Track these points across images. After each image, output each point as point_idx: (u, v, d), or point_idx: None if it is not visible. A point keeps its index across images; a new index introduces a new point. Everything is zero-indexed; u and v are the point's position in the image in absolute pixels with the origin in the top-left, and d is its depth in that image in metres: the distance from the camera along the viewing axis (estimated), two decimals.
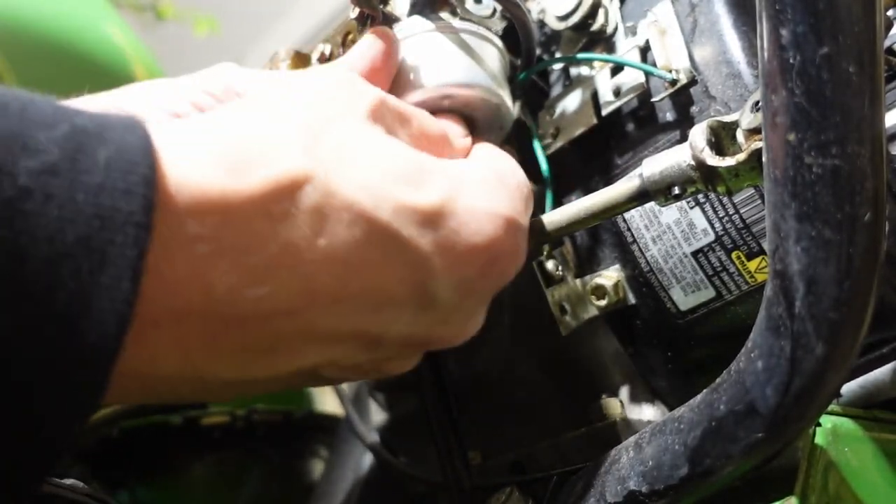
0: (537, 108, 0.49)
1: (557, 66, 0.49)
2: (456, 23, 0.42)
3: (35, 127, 0.22)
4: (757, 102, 0.32)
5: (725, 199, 0.40)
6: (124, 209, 0.23)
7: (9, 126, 0.22)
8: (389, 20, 0.42)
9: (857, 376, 0.40)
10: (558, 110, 0.48)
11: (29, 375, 0.22)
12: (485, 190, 0.33)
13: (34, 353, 0.22)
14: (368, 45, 0.38)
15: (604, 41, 0.46)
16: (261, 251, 0.26)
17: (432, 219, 0.30)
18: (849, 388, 0.40)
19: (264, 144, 0.28)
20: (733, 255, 0.40)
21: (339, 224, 0.28)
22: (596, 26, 0.45)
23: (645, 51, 0.44)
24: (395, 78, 0.41)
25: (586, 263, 0.47)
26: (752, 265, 0.40)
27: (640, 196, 0.36)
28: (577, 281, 0.46)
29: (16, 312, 0.21)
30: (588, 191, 0.38)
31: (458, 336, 0.35)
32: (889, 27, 0.36)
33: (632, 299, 0.45)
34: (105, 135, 0.23)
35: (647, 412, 0.47)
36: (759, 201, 0.39)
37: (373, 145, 0.30)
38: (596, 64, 0.46)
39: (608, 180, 0.45)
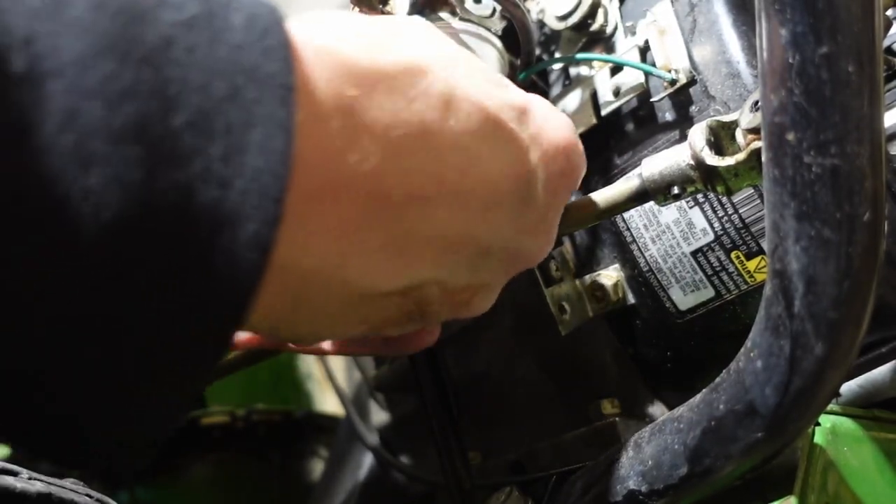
0: None
1: (557, 66, 0.49)
2: (455, 23, 0.42)
3: None
4: (756, 102, 0.32)
5: (725, 199, 0.40)
6: (267, 69, 0.22)
7: None
8: None
9: (857, 376, 0.40)
10: (558, 110, 0.48)
11: (190, 242, 0.20)
12: (548, 104, 0.35)
13: (193, 215, 0.20)
14: None
15: (603, 41, 0.46)
16: (404, 126, 0.26)
17: (523, 115, 0.32)
18: (848, 387, 0.40)
19: (388, 36, 0.28)
20: (732, 255, 0.40)
21: (461, 111, 0.28)
22: (595, 26, 0.45)
23: (644, 51, 0.44)
24: None
25: (586, 263, 0.47)
26: (752, 265, 0.40)
27: (640, 196, 0.36)
28: (577, 281, 0.46)
29: (173, 167, 0.20)
30: (588, 191, 0.38)
31: (541, 250, 0.35)
32: (888, 27, 0.37)
33: (631, 299, 0.45)
34: (234, 2, 0.22)
35: (647, 412, 0.47)
36: (758, 201, 0.39)
37: (466, 55, 0.32)
38: (595, 64, 0.46)
39: (608, 180, 0.45)
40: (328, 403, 0.81)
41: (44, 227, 0.19)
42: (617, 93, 0.44)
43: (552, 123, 0.33)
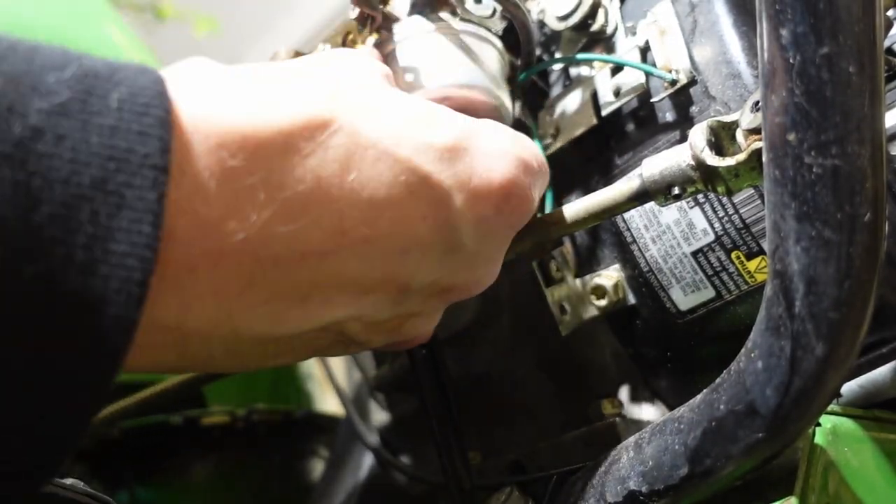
0: (537, 109, 0.49)
1: (557, 67, 0.49)
2: (456, 24, 0.42)
3: (44, 69, 0.21)
4: (757, 102, 0.32)
5: (725, 200, 0.40)
6: (140, 151, 0.22)
7: (17, 67, 0.21)
8: (389, 20, 0.42)
9: (857, 376, 0.40)
10: (558, 110, 0.48)
11: (51, 326, 0.21)
12: (497, 134, 0.34)
13: (55, 302, 0.21)
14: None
15: (604, 41, 0.46)
16: (293, 186, 0.26)
17: (449, 155, 0.31)
18: (849, 387, 0.40)
19: (289, 90, 0.28)
20: (733, 255, 0.40)
21: (365, 162, 0.28)
22: (596, 26, 0.45)
23: (645, 51, 0.44)
24: (394, 79, 0.42)
25: (586, 263, 0.47)
26: (752, 265, 0.40)
27: (640, 196, 0.36)
28: (577, 281, 0.46)
29: (32, 260, 0.20)
30: (588, 191, 0.38)
31: (478, 283, 0.35)
32: (889, 27, 0.37)
33: (631, 299, 0.45)
34: (116, 77, 0.23)
35: (647, 412, 0.47)
36: (758, 201, 0.39)
37: (390, 96, 0.31)
38: (596, 64, 0.46)
39: (608, 180, 0.45)
40: (328, 403, 0.81)
41: None
42: (617, 93, 0.44)
43: (488, 161, 0.32)
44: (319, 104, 0.28)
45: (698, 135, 0.33)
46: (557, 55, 0.49)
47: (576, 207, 0.38)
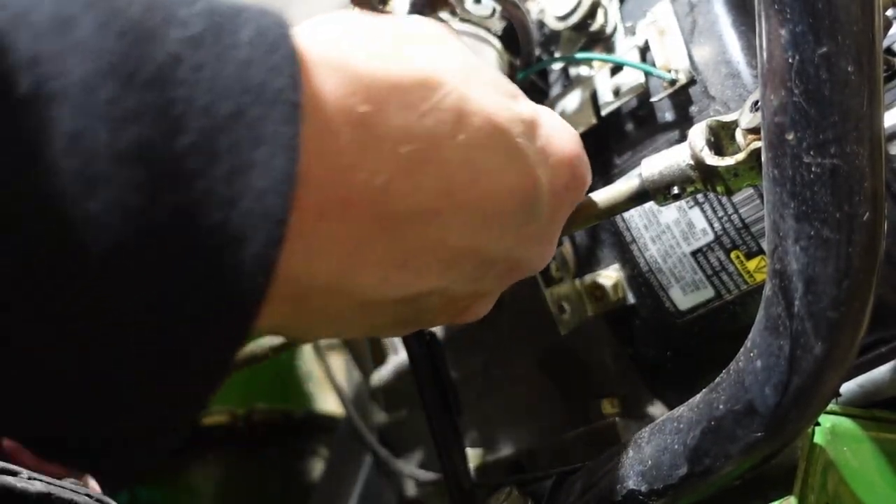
0: None
1: (557, 66, 0.49)
2: (455, 24, 0.42)
3: (174, 3, 0.21)
4: (756, 102, 0.32)
5: (724, 199, 0.40)
6: (274, 85, 0.22)
7: None
8: None
9: (856, 375, 0.40)
10: (558, 110, 0.48)
11: (192, 264, 0.20)
12: (555, 115, 0.35)
13: (196, 237, 0.20)
14: None
15: (603, 41, 0.46)
16: (413, 141, 0.26)
17: (531, 129, 0.32)
18: (847, 387, 0.40)
19: (400, 45, 0.28)
20: (732, 255, 0.40)
21: (471, 125, 0.28)
22: (595, 26, 0.45)
23: (644, 51, 0.44)
24: None
25: (585, 263, 0.47)
26: (751, 265, 0.40)
27: (640, 196, 0.36)
28: (577, 281, 0.46)
29: (176, 189, 0.20)
30: (588, 191, 0.38)
31: (541, 259, 0.35)
32: (888, 27, 0.37)
33: (631, 299, 0.45)
34: (242, 15, 0.22)
35: (647, 412, 0.47)
36: (757, 201, 0.39)
37: (480, 66, 0.32)
38: (595, 64, 0.46)
39: (607, 180, 0.45)
40: (328, 403, 0.81)
41: (47, 250, 0.19)
42: (617, 93, 0.44)
43: (559, 136, 0.33)
44: (431, 63, 0.28)
45: (698, 134, 0.33)
46: (557, 55, 0.49)
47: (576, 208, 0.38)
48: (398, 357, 0.58)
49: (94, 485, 0.44)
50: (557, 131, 0.33)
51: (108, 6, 0.20)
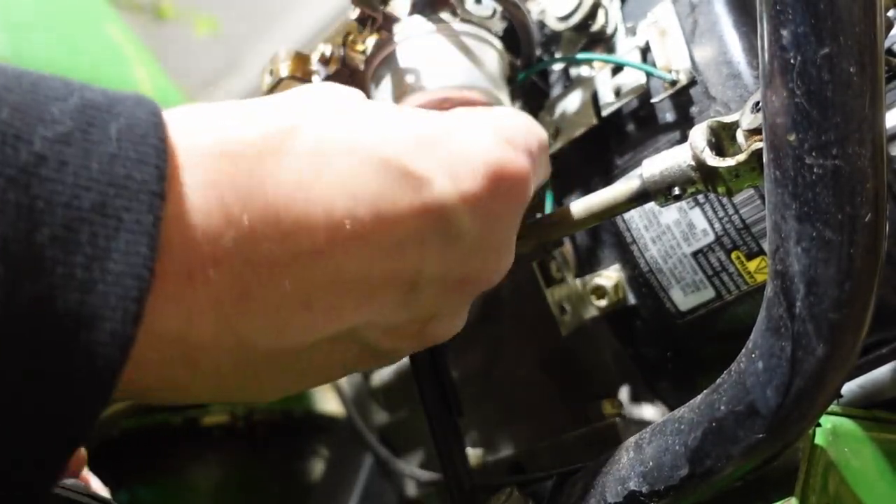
0: (537, 109, 0.49)
1: (557, 67, 0.49)
2: (456, 24, 0.42)
3: (48, 99, 0.23)
4: (757, 103, 0.32)
5: (725, 200, 0.40)
6: (138, 178, 0.23)
7: (23, 98, 0.22)
8: (390, 21, 0.42)
9: (857, 376, 0.40)
10: (558, 111, 0.48)
11: (49, 343, 0.21)
12: (485, 117, 0.34)
13: (53, 320, 0.21)
14: None
15: (604, 42, 0.46)
16: (274, 189, 0.27)
17: (428, 142, 0.31)
18: (849, 388, 0.40)
19: (261, 110, 0.30)
20: (733, 256, 0.40)
21: (339, 158, 0.29)
22: (596, 27, 0.45)
23: (645, 51, 0.44)
24: (394, 80, 0.42)
25: (586, 264, 0.47)
26: (752, 265, 0.40)
27: (640, 196, 0.36)
28: (577, 281, 0.46)
29: (34, 279, 0.21)
30: (588, 191, 0.38)
31: (493, 272, 0.34)
32: (889, 28, 0.36)
33: (632, 299, 0.45)
34: (115, 108, 0.24)
35: (647, 412, 0.47)
36: (758, 202, 0.39)
37: (362, 105, 0.32)
38: (596, 64, 0.46)
39: (608, 181, 0.45)
40: (328, 403, 0.81)
41: None
42: (618, 93, 0.44)
43: (471, 142, 0.32)
44: (287, 115, 0.29)
45: (698, 135, 0.33)
46: (557, 55, 0.49)
47: (576, 208, 0.38)
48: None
49: (95, 485, 0.44)
50: (470, 137, 0.32)
51: None
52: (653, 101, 0.42)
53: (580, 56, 0.46)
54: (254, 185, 0.27)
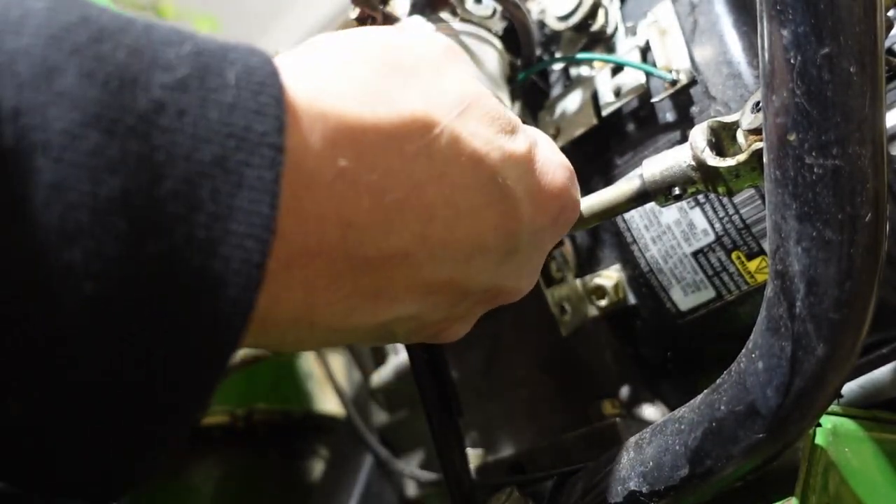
0: (537, 109, 0.49)
1: (557, 67, 0.49)
2: (456, 24, 0.42)
3: (162, 44, 0.22)
4: (757, 103, 0.32)
5: (725, 200, 0.40)
6: (258, 129, 0.22)
7: (137, 41, 0.21)
8: (390, 21, 0.42)
9: (857, 376, 0.40)
10: (558, 110, 0.48)
11: (171, 307, 0.21)
12: (551, 144, 0.34)
13: (176, 282, 0.20)
14: None
15: (604, 41, 0.46)
16: (395, 189, 0.26)
17: (524, 166, 0.31)
18: (849, 388, 0.40)
19: (391, 81, 0.28)
20: (733, 256, 0.40)
21: (459, 167, 0.28)
22: (596, 26, 0.45)
23: (645, 51, 0.43)
24: None
25: (586, 264, 0.47)
26: (752, 265, 0.40)
27: (641, 196, 0.36)
28: (577, 281, 0.46)
29: (156, 237, 0.20)
30: (588, 191, 0.38)
31: (523, 289, 0.35)
32: (890, 28, 0.36)
33: (632, 299, 0.45)
34: (229, 55, 0.23)
35: (648, 412, 0.47)
36: (759, 202, 0.39)
37: (478, 97, 0.31)
38: (596, 64, 0.46)
39: (608, 180, 0.45)
40: (328, 403, 0.81)
41: (28, 301, 0.19)
42: (618, 93, 0.44)
43: (552, 172, 0.33)
44: (423, 100, 0.28)
45: (699, 135, 0.33)
46: (557, 55, 0.49)
47: None
48: (398, 357, 0.58)
49: None
50: (550, 166, 0.33)
51: (93, 53, 0.20)
52: (653, 100, 0.42)
53: (580, 56, 0.46)
54: (379, 183, 0.25)
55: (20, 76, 0.19)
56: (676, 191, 0.34)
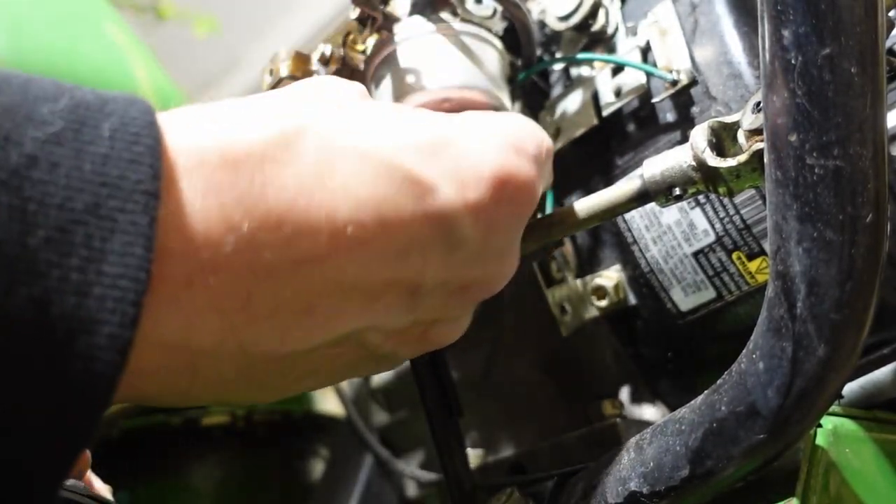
0: (538, 109, 0.49)
1: (558, 67, 0.49)
2: (456, 24, 0.42)
3: (38, 100, 0.23)
4: (758, 103, 0.32)
5: (726, 200, 0.40)
6: (132, 178, 0.23)
7: (12, 99, 0.22)
8: (390, 21, 0.42)
9: (858, 377, 0.40)
10: (559, 111, 0.48)
11: (47, 348, 0.21)
12: (490, 123, 0.34)
13: (50, 324, 0.21)
14: None
15: (604, 41, 0.46)
16: (276, 194, 0.26)
17: (432, 149, 0.31)
18: (850, 388, 0.40)
19: (263, 109, 0.29)
20: (734, 256, 0.40)
21: (344, 164, 0.28)
22: (596, 27, 0.45)
23: (646, 51, 0.43)
24: (395, 80, 0.42)
25: (587, 264, 0.47)
26: (753, 266, 0.40)
27: (641, 197, 0.36)
28: (578, 281, 0.46)
29: (28, 283, 0.21)
30: (589, 191, 0.38)
31: (496, 278, 0.34)
32: (891, 28, 0.36)
33: (632, 300, 0.45)
34: (107, 108, 0.24)
35: (648, 413, 0.47)
36: (759, 202, 0.39)
37: (365, 105, 0.32)
38: (596, 64, 0.46)
39: (609, 181, 0.45)
40: (328, 403, 0.81)
41: None
42: (618, 93, 0.44)
43: (476, 149, 0.32)
44: (290, 117, 0.29)
45: (699, 135, 0.33)
46: (558, 55, 0.49)
47: (577, 208, 0.38)
48: None
49: (98, 486, 0.44)
50: (476, 145, 0.32)
51: None
52: (653, 101, 0.42)
53: (580, 56, 0.46)
54: (255, 191, 0.26)
55: None
56: (677, 191, 0.34)
